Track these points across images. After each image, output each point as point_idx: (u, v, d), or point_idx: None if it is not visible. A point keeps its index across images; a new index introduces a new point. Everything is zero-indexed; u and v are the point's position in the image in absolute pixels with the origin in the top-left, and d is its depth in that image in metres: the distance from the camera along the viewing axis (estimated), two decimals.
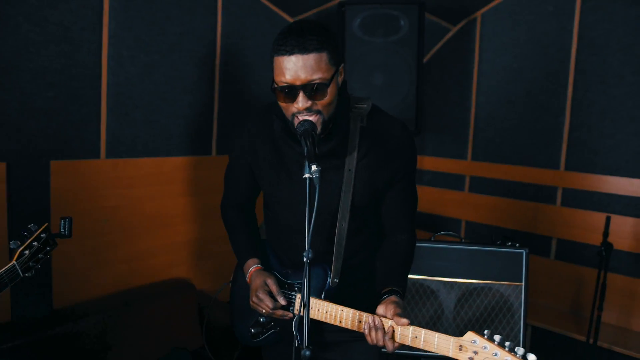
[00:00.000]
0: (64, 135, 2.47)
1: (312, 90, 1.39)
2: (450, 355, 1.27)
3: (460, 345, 1.25)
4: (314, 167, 1.35)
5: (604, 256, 2.72)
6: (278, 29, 1.41)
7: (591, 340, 2.78)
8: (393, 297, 1.47)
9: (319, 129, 1.44)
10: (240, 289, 1.77)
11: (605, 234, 2.73)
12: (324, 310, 1.53)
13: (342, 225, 1.57)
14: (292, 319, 1.60)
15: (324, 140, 1.52)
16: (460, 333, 2.65)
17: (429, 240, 2.81)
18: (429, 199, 3.91)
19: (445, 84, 3.84)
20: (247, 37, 3.16)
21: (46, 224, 1.64)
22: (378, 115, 1.60)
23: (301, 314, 1.38)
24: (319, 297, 1.58)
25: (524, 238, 3.29)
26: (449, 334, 1.34)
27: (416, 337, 1.34)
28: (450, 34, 3.73)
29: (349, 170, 1.54)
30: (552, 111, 3.33)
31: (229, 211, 1.83)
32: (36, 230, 1.60)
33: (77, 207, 2.53)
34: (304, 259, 1.37)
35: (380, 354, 1.76)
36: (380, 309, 1.43)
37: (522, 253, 2.68)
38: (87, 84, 2.52)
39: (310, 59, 1.37)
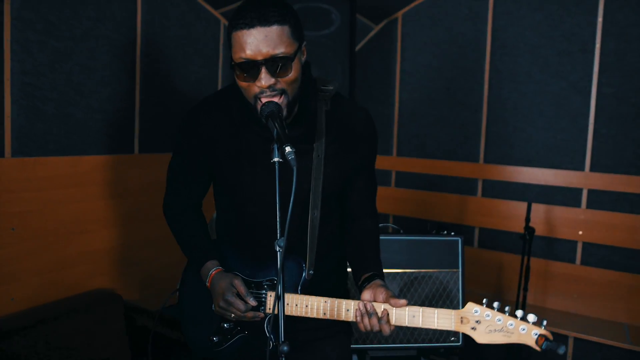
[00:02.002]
0: None
1: (275, 65, 1.28)
2: (453, 329, 1.26)
3: (462, 317, 1.25)
4: (288, 149, 1.24)
5: (528, 239, 2.90)
6: (202, 21, 1.33)
7: None
8: (378, 281, 1.42)
9: (284, 111, 1.34)
10: (192, 296, 1.62)
11: (527, 219, 2.90)
12: (303, 304, 1.42)
13: (314, 214, 1.49)
14: (263, 319, 1.49)
15: (292, 124, 1.44)
16: None
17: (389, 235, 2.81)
18: None
19: (369, 81, 3.91)
20: (169, 28, 2.95)
21: None
22: (342, 99, 1.54)
23: (275, 312, 1.28)
24: (295, 291, 1.47)
25: (450, 229, 3.42)
26: None
27: (414, 317, 1.30)
28: (373, 33, 3.80)
29: (318, 156, 1.46)
30: (470, 107, 3.52)
31: (175, 211, 1.65)
32: None
33: None
34: (277, 249, 1.27)
35: (350, 348, 1.71)
36: (367, 294, 1.36)
37: (457, 240, 2.78)
38: None
39: (272, 31, 1.26)
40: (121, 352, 2.63)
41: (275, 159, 1.28)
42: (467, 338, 3.05)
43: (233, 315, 1.47)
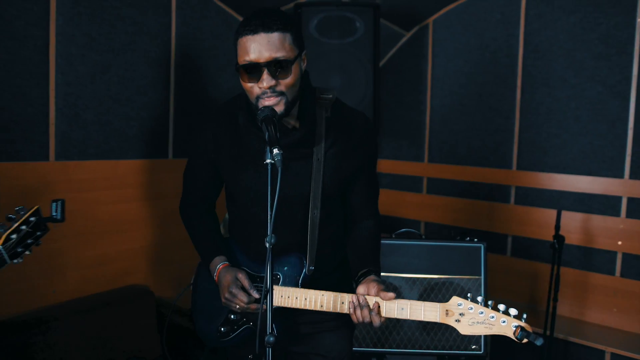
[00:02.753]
0: (9, 136, 2.35)
1: (276, 67, 1.41)
2: (438, 320, 1.35)
3: (447, 310, 1.33)
4: (275, 150, 1.34)
5: (557, 248, 2.81)
6: (232, 31, 1.43)
7: (548, 332, 2.85)
8: (372, 276, 1.52)
9: (282, 109, 1.45)
10: (203, 290, 1.74)
11: (557, 227, 2.82)
12: (302, 297, 1.53)
13: (314, 213, 1.59)
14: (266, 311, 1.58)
15: (293, 130, 1.56)
16: (423, 328, 2.68)
17: (390, 237, 2.83)
18: (388, 201, 3.95)
19: (400, 88, 3.92)
20: (202, 39, 3.12)
21: (37, 207, 1.52)
22: (341, 106, 1.65)
23: (272, 304, 1.39)
24: (296, 286, 1.58)
25: (482, 236, 3.37)
26: (413, 330, 1.37)
27: (402, 309, 1.40)
28: (404, 40, 3.83)
29: (318, 159, 1.57)
30: (502, 113, 3.46)
31: (189, 211, 1.80)
32: (24, 214, 1.46)
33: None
34: (267, 245, 1.35)
35: (351, 342, 1.80)
36: (361, 289, 1.46)
37: (480, 247, 2.75)
38: (33, 83, 2.41)
39: (274, 37, 1.40)
40: (152, 346, 2.77)
41: (268, 161, 1.36)
42: (491, 347, 2.99)
43: (238, 306, 1.58)
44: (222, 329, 1.68)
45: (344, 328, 1.74)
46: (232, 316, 1.68)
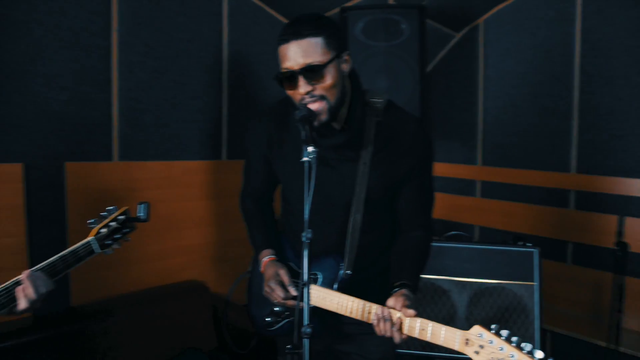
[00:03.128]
0: (77, 138, 2.54)
1: (310, 73, 1.43)
2: (457, 348, 1.27)
3: (467, 339, 1.24)
4: (310, 149, 1.37)
5: (620, 256, 2.66)
6: None
7: (612, 346, 2.69)
8: (403, 290, 1.48)
9: (325, 116, 1.48)
10: (257, 278, 1.80)
11: (619, 233, 2.67)
12: (335, 300, 1.55)
13: (356, 217, 1.60)
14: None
15: (339, 132, 1.58)
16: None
17: (439, 240, 2.79)
18: (440, 205, 3.86)
19: (452, 90, 3.86)
20: (252, 45, 3.23)
21: (126, 207, 1.67)
22: (394, 110, 1.63)
23: (309, 297, 1.40)
24: (331, 287, 1.60)
25: (539, 242, 3.24)
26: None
27: (423, 330, 1.34)
28: (454, 41, 3.78)
29: (364, 163, 1.57)
30: (559, 114, 3.32)
31: (246, 202, 1.88)
32: (115, 212, 1.63)
33: (92, 207, 2.53)
34: (303, 239, 1.37)
35: (394, 348, 1.76)
36: (390, 301, 1.44)
37: (533, 252, 2.65)
38: (98, 89, 2.59)
39: (304, 43, 1.43)
40: (207, 338, 2.88)
41: (304, 159, 1.39)
42: None
43: (276, 300, 1.62)
44: (268, 319, 1.74)
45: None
46: (276, 308, 1.73)
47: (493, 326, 1.20)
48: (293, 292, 1.61)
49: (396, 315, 1.40)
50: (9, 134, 2.30)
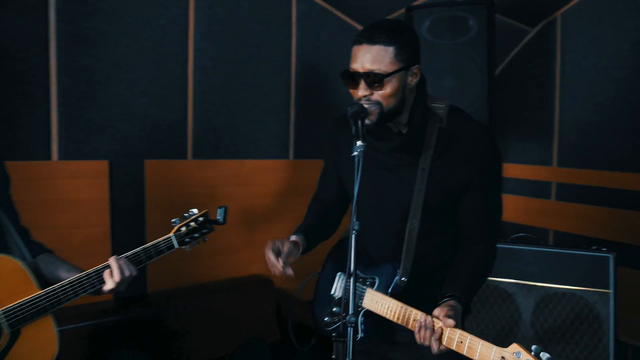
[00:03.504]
0: (156, 138, 2.76)
1: (372, 79, 1.45)
2: None
3: (503, 357, 1.19)
4: (358, 143, 1.40)
5: None
6: (350, 38, 1.54)
7: None
8: (451, 302, 1.46)
9: (374, 117, 1.50)
10: (324, 279, 1.85)
11: None
12: (386, 306, 1.56)
13: (413, 223, 1.59)
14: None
15: (398, 135, 1.59)
16: (539, 341, 2.52)
17: (504, 242, 2.70)
18: (513, 207, 3.74)
19: (526, 87, 3.70)
20: (320, 48, 3.31)
21: (206, 210, 1.84)
22: (459, 117, 1.60)
23: (363, 305, 1.50)
24: (385, 292, 1.60)
25: (617, 248, 3.03)
26: (528, 342, 1.22)
27: (461, 342, 1.31)
28: (529, 37, 3.62)
29: (423, 169, 1.56)
30: None
31: (313, 204, 1.95)
32: (195, 214, 1.80)
33: (168, 202, 2.79)
34: (352, 232, 1.40)
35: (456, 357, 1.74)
36: (436, 311, 1.42)
37: (608, 257, 2.49)
38: (175, 92, 2.80)
39: (374, 49, 1.45)
40: (270, 331, 3.01)
41: (355, 153, 1.42)
42: None
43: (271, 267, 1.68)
44: (326, 318, 1.78)
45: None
46: (335, 309, 1.77)
47: (534, 347, 1.14)
48: (280, 262, 1.65)
49: (438, 324, 1.38)
50: (97, 134, 2.56)
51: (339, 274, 1.79)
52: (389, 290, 1.60)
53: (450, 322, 1.34)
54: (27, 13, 2.34)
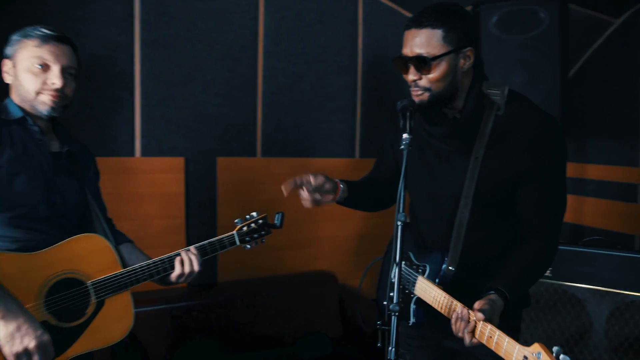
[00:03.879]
0: (227, 136, 2.93)
1: (420, 63, 1.47)
2: None
3: (525, 356, 1.18)
4: (404, 136, 1.42)
5: None
6: None
7: None
8: (492, 295, 1.43)
9: (424, 99, 1.51)
10: (386, 263, 1.89)
11: None
12: (432, 294, 1.57)
13: (463, 212, 1.57)
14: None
15: (451, 121, 1.58)
16: (614, 352, 2.37)
17: (575, 244, 2.57)
18: (594, 212, 3.52)
19: (609, 83, 3.47)
20: (387, 47, 3.33)
21: (265, 214, 2.01)
22: (518, 104, 1.54)
23: (415, 292, 1.53)
24: (433, 280, 1.61)
25: None
26: (601, 352, 1.17)
27: (490, 337, 1.30)
28: (612, 28, 3.38)
29: (476, 157, 1.54)
30: None
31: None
32: (256, 217, 1.97)
33: (238, 197, 2.96)
34: (397, 222, 1.42)
35: None
36: (476, 304, 1.40)
37: None
38: (246, 93, 2.96)
39: (421, 33, 1.47)
40: (333, 326, 3.09)
41: (402, 147, 1.44)
42: None
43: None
44: (384, 302, 1.83)
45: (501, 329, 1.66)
46: (391, 294, 1.81)
47: (555, 349, 1.11)
48: (305, 191, 1.74)
49: (473, 317, 1.37)
50: (175, 132, 2.78)
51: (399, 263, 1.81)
52: (437, 280, 1.61)
53: (480, 315, 1.33)
54: (116, 24, 2.60)
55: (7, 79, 1.67)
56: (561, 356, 1.08)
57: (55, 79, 1.60)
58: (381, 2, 3.29)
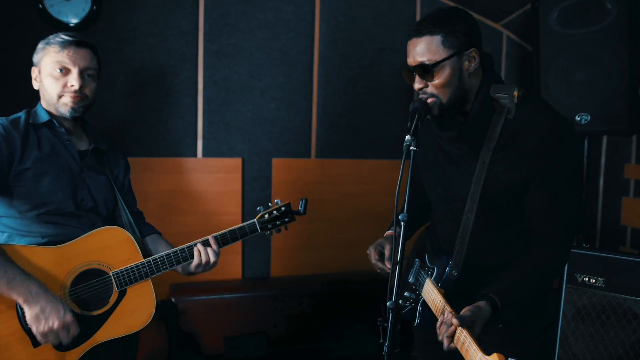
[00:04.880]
0: (283, 138, 3.09)
1: (423, 71, 1.48)
2: None
3: None
4: (407, 137, 1.43)
5: None
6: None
7: None
8: (480, 303, 1.41)
9: (436, 111, 1.51)
10: (408, 264, 1.90)
11: None
12: (432, 297, 1.57)
13: (468, 217, 1.56)
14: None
15: (458, 124, 1.56)
16: None
17: (632, 254, 2.34)
18: None
19: None
20: None
21: (288, 201, 2.00)
22: (529, 106, 1.49)
23: (422, 294, 1.55)
24: (436, 284, 1.61)
25: None
26: None
27: (463, 344, 1.28)
28: None
29: (483, 162, 1.52)
30: None
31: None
32: (279, 204, 1.96)
33: (292, 197, 3.08)
34: (401, 222, 1.45)
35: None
36: (463, 310, 1.39)
37: None
38: (301, 97, 3.10)
39: (421, 41, 1.48)
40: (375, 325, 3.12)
41: (411, 148, 1.43)
42: None
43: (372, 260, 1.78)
44: (400, 301, 1.86)
45: (508, 346, 1.56)
46: (405, 293, 1.83)
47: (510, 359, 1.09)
48: (384, 265, 1.72)
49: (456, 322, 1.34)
50: (233, 134, 2.99)
51: (416, 260, 1.83)
52: (439, 283, 1.61)
53: (455, 321, 1.31)
54: (182, 37, 2.86)
55: (35, 85, 1.78)
56: None
57: (73, 81, 1.68)
58: (441, 1, 3.24)
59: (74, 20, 2.65)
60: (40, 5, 2.58)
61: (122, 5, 2.73)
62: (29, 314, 1.50)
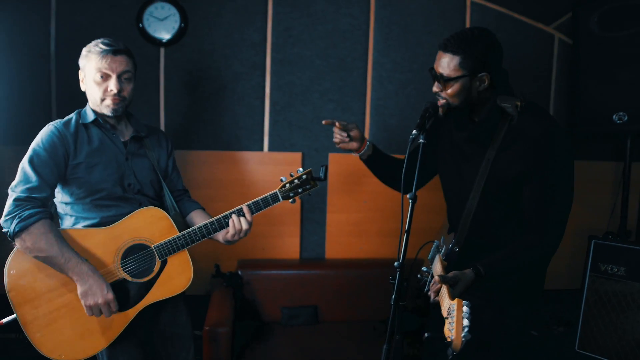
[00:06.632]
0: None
1: (440, 79, 1.82)
2: (444, 315, 1.46)
3: (449, 307, 1.41)
4: (414, 132, 1.77)
5: None
6: (529, 40, 1.60)
7: None
8: (467, 270, 1.71)
9: (441, 111, 1.85)
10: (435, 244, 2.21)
11: None
12: (436, 266, 1.88)
13: (471, 203, 1.86)
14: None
15: (469, 128, 1.89)
16: None
17: None
18: None
19: None
20: None
21: (309, 169, 2.14)
22: (529, 113, 1.78)
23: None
24: (442, 257, 1.92)
25: None
26: None
27: (441, 295, 1.58)
28: None
29: (487, 159, 1.84)
30: None
31: None
32: (301, 173, 2.12)
33: (346, 188, 3.47)
34: (410, 200, 1.77)
35: (517, 322, 1.91)
36: (450, 273, 1.69)
37: None
38: (356, 99, 3.44)
39: (445, 56, 1.80)
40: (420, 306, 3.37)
41: (420, 141, 1.76)
42: None
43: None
44: (419, 275, 2.16)
45: (509, 307, 1.88)
46: (423, 268, 2.12)
47: (465, 302, 1.37)
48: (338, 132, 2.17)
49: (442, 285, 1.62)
50: (295, 132, 3.41)
51: (435, 241, 2.12)
52: (444, 257, 1.90)
53: (437, 278, 1.62)
54: (253, 48, 3.33)
55: (82, 87, 1.98)
56: (464, 308, 1.34)
57: (112, 86, 1.89)
58: (490, 7, 3.42)
59: (166, 37, 3.21)
60: (140, 25, 3.17)
61: (204, 23, 3.25)
62: (79, 289, 1.81)
